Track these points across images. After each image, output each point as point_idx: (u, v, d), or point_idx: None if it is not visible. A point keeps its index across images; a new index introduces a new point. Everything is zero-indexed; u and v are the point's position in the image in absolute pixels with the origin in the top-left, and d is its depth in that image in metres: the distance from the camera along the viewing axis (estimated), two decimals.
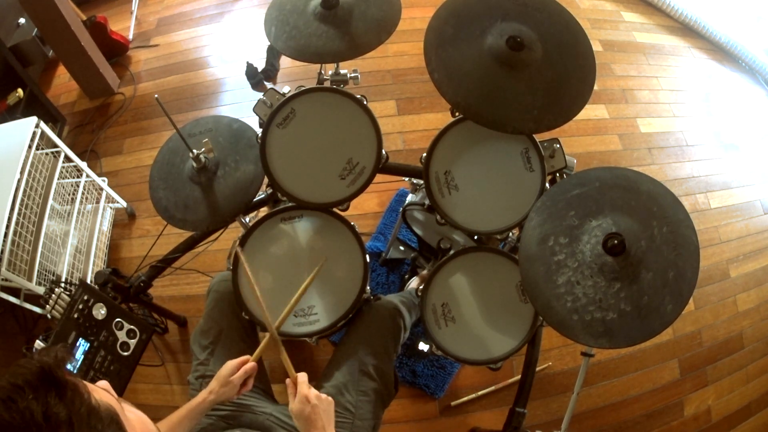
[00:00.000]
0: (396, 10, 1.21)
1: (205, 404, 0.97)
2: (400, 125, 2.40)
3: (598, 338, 0.91)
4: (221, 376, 0.97)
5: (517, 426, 1.29)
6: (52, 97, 2.57)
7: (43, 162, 1.86)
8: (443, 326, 1.19)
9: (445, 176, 1.16)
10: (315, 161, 1.18)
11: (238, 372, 0.98)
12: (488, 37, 1.07)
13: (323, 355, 1.88)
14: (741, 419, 1.96)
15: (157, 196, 1.27)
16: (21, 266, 1.72)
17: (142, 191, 2.29)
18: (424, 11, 2.60)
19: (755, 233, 2.31)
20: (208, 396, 0.97)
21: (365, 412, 1.13)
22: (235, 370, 0.98)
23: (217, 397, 0.97)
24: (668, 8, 2.90)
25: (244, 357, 1.01)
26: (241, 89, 2.58)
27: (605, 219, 0.95)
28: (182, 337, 1.99)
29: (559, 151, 1.13)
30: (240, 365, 0.99)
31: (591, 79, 1.09)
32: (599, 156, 2.40)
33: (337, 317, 1.19)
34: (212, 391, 0.97)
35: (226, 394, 0.98)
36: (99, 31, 2.57)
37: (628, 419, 1.88)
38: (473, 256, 1.19)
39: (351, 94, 1.16)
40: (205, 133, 1.30)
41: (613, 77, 2.65)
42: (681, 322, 2.05)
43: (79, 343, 1.29)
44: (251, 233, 1.20)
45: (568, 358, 1.93)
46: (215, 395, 0.97)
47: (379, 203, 2.20)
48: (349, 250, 1.21)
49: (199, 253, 1.63)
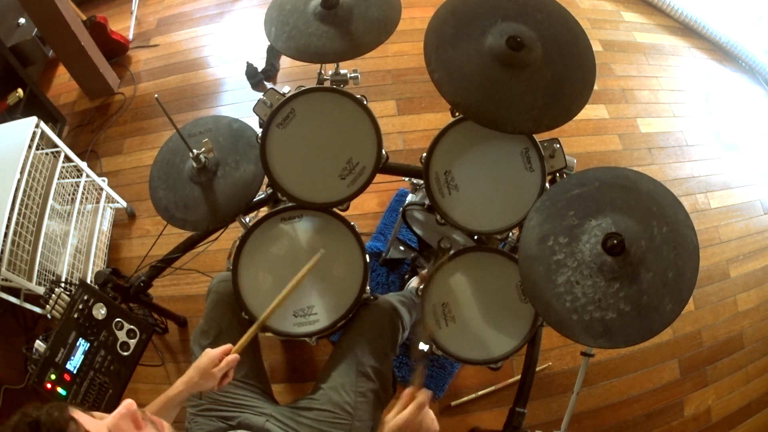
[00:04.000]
0: (396, 10, 1.21)
1: (183, 395, 0.93)
2: (400, 125, 2.40)
3: (597, 338, 0.91)
4: (202, 368, 0.93)
5: (517, 426, 1.29)
6: (52, 97, 2.57)
7: (43, 162, 1.86)
8: (443, 326, 1.19)
9: (445, 176, 1.16)
10: (315, 161, 1.18)
11: (221, 364, 0.94)
12: (488, 37, 1.07)
13: (323, 355, 1.88)
14: (741, 419, 1.96)
15: (157, 196, 1.27)
16: (21, 266, 1.72)
17: (142, 191, 2.29)
18: (424, 11, 2.61)
19: (755, 233, 2.31)
20: (187, 387, 0.93)
21: (364, 413, 1.12)
22: (217, 361, 0.94)
23: (196, 388, 0.93)
24: (668, 8, 2.90)
25: (225, 347, 0.96)
26: (241, 89, 2.58)
27: (605, 219, 0.95)
28: (182, 337, 1.99)
29: (559, 151, 1.14)
30: (222, 356, 0.95)
31: (591, 79, 1.09)
32: (599, 156, 2.39)
33: (336, 317, 1.19)
34: (191, 382, 0.93)
35: (206, 386, 0.94)
36: (99, 31, 2.57)
37: (628, 419, 1.88)
38: (473, 256, 1.19)
39: (351, 94, 1.16)
40: (204, 133, 1.31)
41: (613, 77, 2.65)
42: (681, 322, 2.05)
43: (79, 343, 1.29)
44: (251, 233, 1.20)
45: (568, 358, 1.93)
46: (194, 386, 0.93)
47: (379, 203, 2.20)
48: (349, 250, 1.21)
49: (199, 253, 1.63)
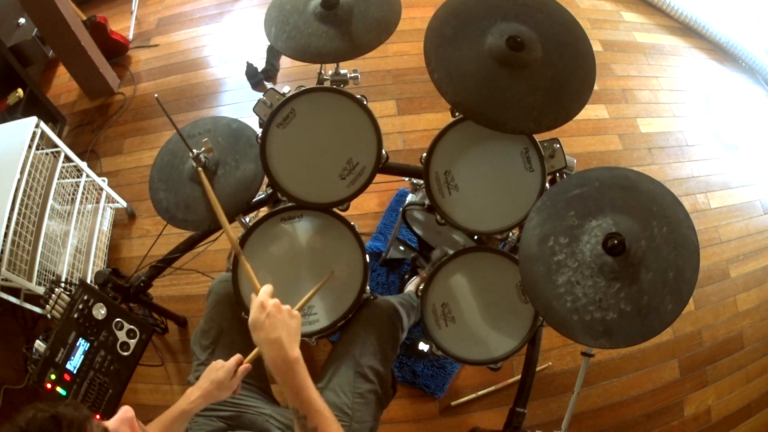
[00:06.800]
0: (396, 10, 1.21)
1: (198, 407, 0.94)
2: (400, 125, 2.40)
3: (597, 338, 0.91)
4: (220, 380, 0.94)
5: (517, 426, 1.29)
6: (52, 97, 2.57)
7: (43, 162, 1.86)
8: (443, 326, 1.19)
9: (445, 176, 1.16)
10: (315, 161, 1.18)
11: (237, 375, 0.95)
12: (488, 37, 1.07)
13: (323, 355, 1.87)
14: (741, 419, 1.96)
15: (157, 197, 1.27)
16: (21, 266, 1.72)
17: (142, 191, 2.29)
18: (424, 11, 2.60)
19: (755, 233, 2.31)
20: (205, 400, 0.94)
21: (362, 414, 1.12)
22: (232, 373, 0.95)
23: (213, 400, 0.95)
24: (668, 8, 2.90)
25: (237, 358, 0.97)
26: (241, 89, 2.58)
27: (605, 219, 0.95)
28: (182, 337, 1.99)
29: (559, 151, 1.13)
30: (236, 367, 0.96)
31: (591, 79, 1.09)
32: (599, 156, 2.39)
33: (336, 317, 1.19)
34: (209, 396, 0.94)
35: (222, 397, 0.96)
36: (99, 31, 2.57)
37: (628, 419, 1.88)
38: (473, 256, 1.19)
39: (351, 94, 1.16)
40: (204, 133, 1.30)
41: (613, 77, 2.65)
42: (681, 322, 2.05)
43: (79, 343, 1.29)
44: (251, 233, 1.20)
45: (568, 358, 1.93)
46: (212, 399, 0.94)
47: (379, 203, 2.20)
48: (349, 250, 1.21)
49: (199, 253, 1.63)
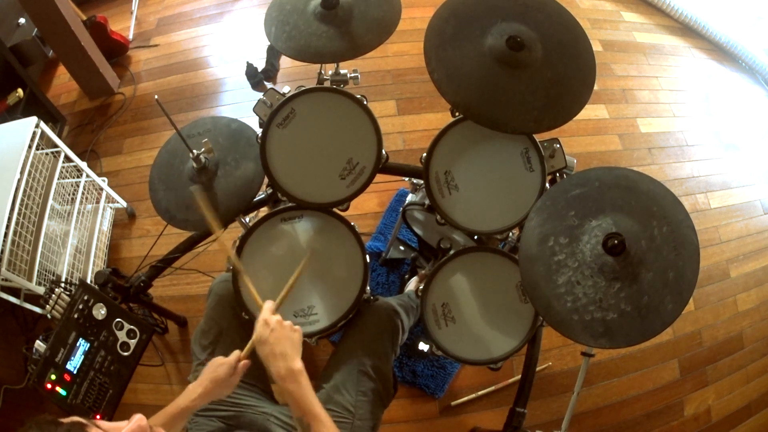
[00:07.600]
0: (396, 10, 1.21)
1: (199, 405, 0.95)
2: (400, 125, 2.40)
3: (598, 338, 0.91)
4: (221, 378, 0.94)
5: (517, 426, 1.29)
6: (52, 97, 2.57)
7: (43, 162, 1.86)
8: (443, 326, 1.19)
9: (445, 176, 1.16)
10: (315, 161, 1.18)
11: (237, 371, 0.96)
12: (488, 37, 1.07)
13: (323, 355, 1.88)
14: (741, 419, 1.96)
15: (157, 198, 1.27)
16: (21, 266, 1.72)
17: (142, 191, 2.28)
18: (424, 11, 2.60)
19: (755, 233, 2.31)
20: (207, 398, 0.94)
21: (365, 412, 1.13)
22: (233, 369, 0.96)
23: (214, 398, 0.96)
24: (668, 8, 2.90)
25: (235, 355, 0.98)
26: (241, 89, 2.58)
27: (605, 219, 0.95)
28: (182, 337, 1.99)
29: (559, 151, 1.13)
30: (235, 364, 0.96)
31: (591, 79, 1.09)
32: (599, 156, 2.39)
33: (337, 317, 1.19)
34: (211, 394, 0.94)
35: (223, 395, 0.97)
36: (99, 31, 2.57)
37: (628, 419, 1.88)
38: (473, 256, 1.19)
39: (351, 94, 1.16)
40: (203, 133, 1.30)
41: (613, 77, 2.64)
42: (681, 322, 2.05)
43: (79, 343, 1.29)
44: (251, 233, 1.20)
45: (568, 358, 1.93)
46: (213, 397, 0.95)
47: (379, 203, 2.20)
48: (349, 250, 1.21)
49: (199, 253, 1.63)
